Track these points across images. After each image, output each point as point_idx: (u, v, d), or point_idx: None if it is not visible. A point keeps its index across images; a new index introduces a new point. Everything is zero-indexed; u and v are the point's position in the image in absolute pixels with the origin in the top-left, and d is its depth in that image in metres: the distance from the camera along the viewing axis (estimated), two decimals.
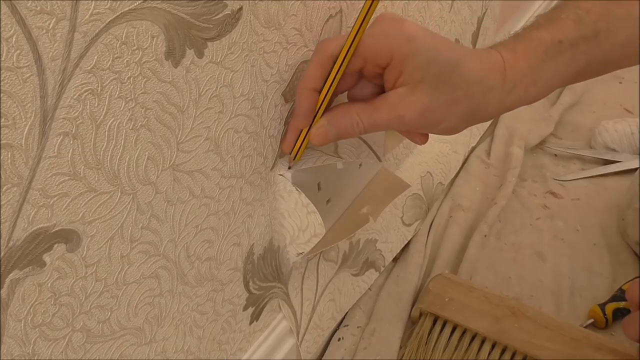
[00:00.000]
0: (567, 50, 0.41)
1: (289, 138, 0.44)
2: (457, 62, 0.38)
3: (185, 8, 0.31)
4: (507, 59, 0.40)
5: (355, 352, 0.63)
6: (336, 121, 0.41)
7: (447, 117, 0.40)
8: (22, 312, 0.29)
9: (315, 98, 0.40)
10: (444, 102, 0.39)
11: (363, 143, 0.51)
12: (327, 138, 0.41)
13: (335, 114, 0.41)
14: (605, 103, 1.03)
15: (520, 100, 0.41)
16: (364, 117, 0.40)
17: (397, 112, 0.39)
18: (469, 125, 0.42)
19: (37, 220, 0.28)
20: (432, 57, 0.38)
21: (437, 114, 0.39)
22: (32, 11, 0.24)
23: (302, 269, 0.56)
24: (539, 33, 0.41)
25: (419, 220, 0.76)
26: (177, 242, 0.39)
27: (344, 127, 0.41)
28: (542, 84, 0.41)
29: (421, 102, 0.39)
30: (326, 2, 0.43)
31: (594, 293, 0.69)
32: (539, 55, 0.40)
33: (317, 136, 0.41)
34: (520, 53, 0.41)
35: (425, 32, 0.39)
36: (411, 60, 0.38)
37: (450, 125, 0.41)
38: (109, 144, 0.31)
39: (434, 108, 0.39)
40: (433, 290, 0.66)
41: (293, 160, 0.46)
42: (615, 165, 0.88)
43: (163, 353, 0.42)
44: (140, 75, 0.31)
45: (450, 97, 0.39)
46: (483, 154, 0.92)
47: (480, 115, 0.41)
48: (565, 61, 0.41)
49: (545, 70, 0.41)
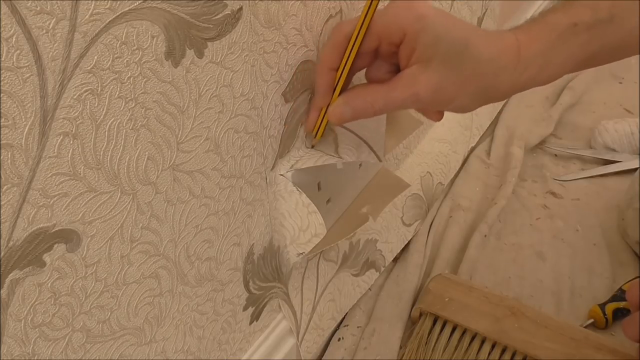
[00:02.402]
0: (582, 34, 0.41)
1: (311, 117, 0.45)
2: (467, 40, 0.39)
3: (185, 8, 0.31)
4: (521, 40, 0.41)
5: (355, 352, 0.63)
6: (352, 101, 0.42)
7: (458, 95, 0.40)
8: (22, 312, 0.29)
9: (333, 76, 0.42)
10: (454, 80, 0.39)
11: (363, 143, 0.51)
12: (343, 117, 0.42)
13: (352, 94, 0.42)
14: (605, 103, 1.03)
15: (533, 80, 0.41)
16: (379, 97, 0.41)
17: (410, 91, 0.40)
18: (483, 103, 0.42)
19: (37, 220, 0.28)
20: (442, 35, 0.38)
21: (448, 91, 0.40)
22: (32, 11, 0.24)
23: (302, 269, 0.56)
24: (555, 16, 0.42)
25: (419, 220, 0.76)
26: (177, 242, 0.39)
27: (359, 106, 0.42)
28: (556, 66, 0.41)
29: (433, 79, 0.39)
30: (326, 2, 0.43)
31: (594, 293, 0.69)
32: (553, 37, 0.41)
33: (334, 115, 0.42)
34: (534, 35, 0.41)
35: (437, 11, 0.39)
36: (422, 37, 0.38)
37: (462, 103, 0.41)
38: (109, 144, 0.31)
39: (446, 86, 0.39)
40: (433, 290, 0.66)
41: (315, 138, 0.47)
42: (615, 165, 0.88)
43: (163, 353, 0.42)
44: (140, 75, 0.31)
45: (461, 75, 0.39)
46: (483, 154, 0.92)
47: (493, 94, 0.41)
48: (580, 44, 0.41)
49: (559, 52, 0.41)
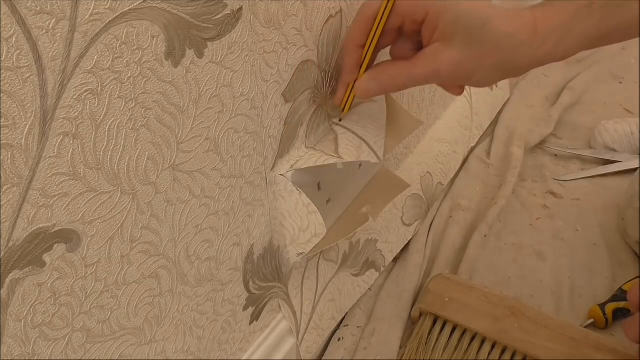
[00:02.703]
0: (596, 13, 0.42)
1: (339, 92, 0.48)
2: (486, 18, 0.41)
3: (185, 8, 0.31)
4: (538, 17, 0.43)
5: (355, 352, 0.63)
6: (378, 76, 0.45)
7: (478, 70, 0.43)
8: (22, 312, 0.29)
9: (360, 53, 0.44)
10: (475, 56, 0.42)
11: (363, 143, 0.51)
12: (369, 92, 0.45)
13: (377, 70, 0.45)
14: (605, 103, 1.03)
15: (550, 55, 0.43)
16: (403, 73, 0.44)
17: (432, 67, 0.42)
18: (502, 78, 0.45)
19: (37, 220, 0.28)
20: (462, 14, 0.41)
21: (469, 67, 0.42)
22: (32, 11, 0.24)
23: (302, 269, 0.56)
24: None
25: (419, 220, 0.76)
26: (177, 242, 0.39)
27: (385, 81, 0.44)
28: (571, 42, 0.43)
29: (454, 56, 0.42)
30: (326, 2, 0.43)
31: (594, 293, 0.69)
32: (568, 15, 0.43)
33: (361, 90, 0.45)
34: (551, 12, 0.43)
35: None
36: (444, 16, 0.41)
37: (482, 78, 0.44)
38: (109, 144, 0.31)
39: (466, 62, 0.42)
40: (433, 290, 0.66)
41: (342, 112, 0.50)
42: (615, 165, 0.88)
43: (163, 353, 0.42)
44: (140, 75, 0.31)
45: (480, 51, 0.42)
46: (483, 154, 0.92)
47: (511, 68, 0.43)
48: (594, 23, 0.43)
49: (574, 29, 0.43)
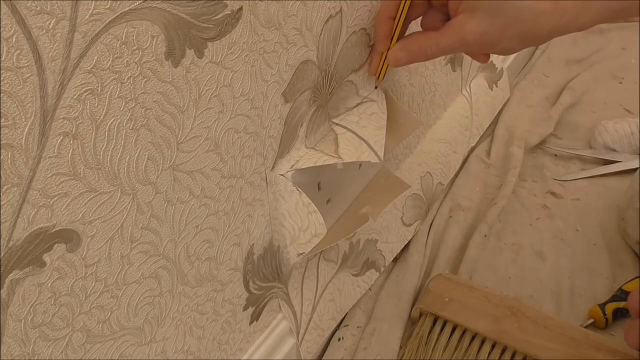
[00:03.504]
0: None
1: (374, 61, 0.52)
2: None
3: (185, 8, 0.31)
4: None
5: (355, 352, 0.63)
6: (408, 46, 0.48)
7: (502, 39, 0.45)
8: (22, 312, 0.29)
9: (391, 25, 0.48)
10: (498, 26, 0.44)
11: (363, 143, 0.51)
12: (399, 61, 0.49)
13: (407, 40, 0.48)
14: (605, 103, 1.03)
15: (570, 24, 0.45)
16: (432, 42, 0.47)
17: (459, 36, 0.45)
18: (524, 46, 0.47)
19: (37, 220, 0.28)
20: None
21: (493, 36, 0.45)
22: (32, 11, 0.24)
23: (302, 269, 0.56)
24: None
25: (419, 221, 0.76)
26: (177, 242, 0.39)
27: (414, 51, 0.48)
28: (592, 13, 0.45)
29: (478, 26, 0.44)
30: (326, 2, 0.43)
31: (594, 293, 0.69)
32: None
33: (393, 59, 0.49)
34: None
35: None
36: None
37: (506, 46, 0.46)
38: (109, 144, 0.31)
39: (490, 31, 0.45)
40: (433, 290, 0.66)
41: (377, 80, 0.54)
42: (615, 165, 0.88)
43: (163, 353, 0.42)
44: (140, 76, 0.31)
45: (503, 21, 0.44)
46: (483, 154, 0.92)
47: (533, 37, 0.45)
48: None
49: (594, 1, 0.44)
